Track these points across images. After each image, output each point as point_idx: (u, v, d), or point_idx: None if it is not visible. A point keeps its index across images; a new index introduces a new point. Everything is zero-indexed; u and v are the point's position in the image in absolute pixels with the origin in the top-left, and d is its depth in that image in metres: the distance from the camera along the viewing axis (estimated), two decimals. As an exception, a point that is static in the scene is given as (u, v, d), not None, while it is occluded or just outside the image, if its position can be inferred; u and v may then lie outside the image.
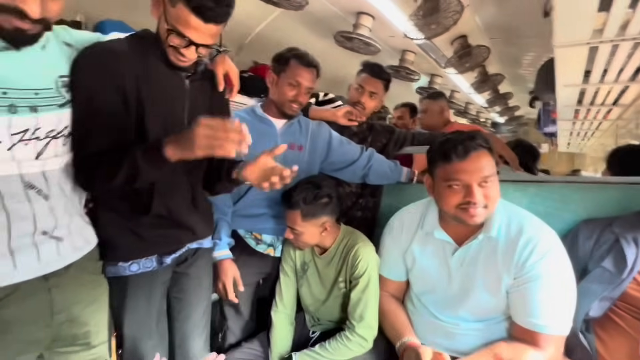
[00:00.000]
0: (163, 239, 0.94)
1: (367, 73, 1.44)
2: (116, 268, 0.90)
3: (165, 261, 0.95)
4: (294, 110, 1.23)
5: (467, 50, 2.70)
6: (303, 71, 1.19)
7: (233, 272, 1.17)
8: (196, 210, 1.00)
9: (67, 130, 0.76)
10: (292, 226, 1.10)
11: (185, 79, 0.92)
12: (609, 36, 1.37)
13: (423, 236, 1.04)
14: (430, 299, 1.03)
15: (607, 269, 0.91)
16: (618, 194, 1.06)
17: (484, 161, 0.88)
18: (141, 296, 0.93)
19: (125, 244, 0.90)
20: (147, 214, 0.90)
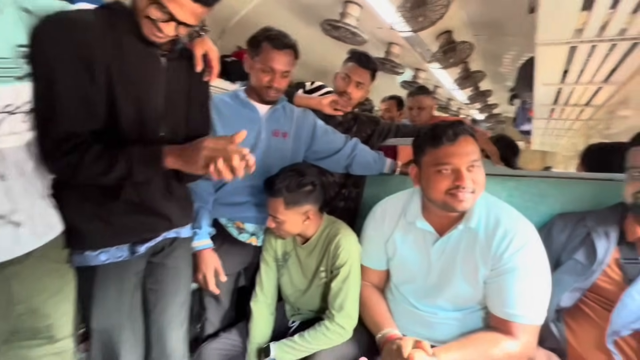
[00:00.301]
0: (135, 227, 0.89)
1: (355, 62, 1.40)
2: (83, 257, 0.84)
3: (138, 250, 0.90)
4: (271, 96, 1.18)
5: (452, 45, 2.73)
6: (276, 54, 1.12)
7: (214, 262, 1.13)
8: (172, 197, 0.95)
9: (27, 106, 0.69)
10: (274, 214, 1.07)
11: (162, 58, 0.86)
12: (588, 36, 1.41)
13: (405, 225, 1.04)
14: (409, 288, 1.04)
15: (579, 261, 0.94)
16: (591, 190, 1.10)
17: (471, 146, 0.89)
18: (111, 287, 0.87)
19: (93, 231, 0.84)
20: (117, 199, 0.84)
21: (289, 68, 1.15)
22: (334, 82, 1.48)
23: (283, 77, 1.15)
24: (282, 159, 1.22)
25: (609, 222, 0.95)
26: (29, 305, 0.73)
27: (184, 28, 0.78)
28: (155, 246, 0.96)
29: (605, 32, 1.38)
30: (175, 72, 0.90)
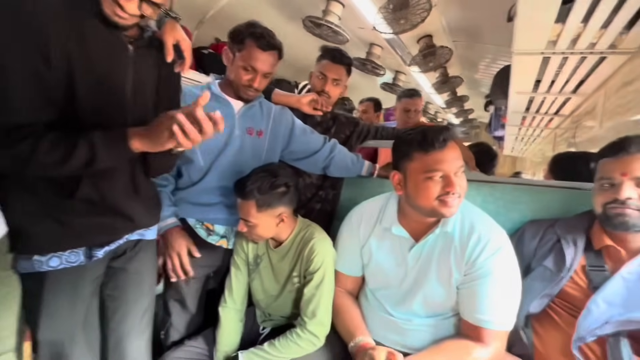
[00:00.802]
0: (94, 229, 0.81)
1: (328, 59, 1.37)
2: (30, 263, 0.76)
3: (96, 255, 0.82)
4: (249, 95, 1.13)
5: (432, 49, 2.76)
6: (260, 55, 1.06)
7: (186, 240, 1.06)
8: (137, 196, 0.88)
9: None
10: (246, 218, 1.02)
11: (129, 45, 0.79)
12: (561, 48, 1.46)
13: (381, 231, 1.03)
14: (384, 294, 1.02)
15: (548, 268, 0.96)
16: (561, 198, 1.13)
17: (458, 151, 0.90)
18: (62, 296, 0.79)
19: (43, 234, 0.75)
20: (73, 197, 0.76)
21: (272, 70, 1.11)
22: (310, 81, 1.44)
23: (264, 77, 1.11)
24: (256, 158, 1.17)
25: (577, 230, 0.97)
26: None
27: (148, 7, 0.71)
28: (116, 249, 0.88)
29: (576, 45, 1.44)
30: (143, 61, 0.83)
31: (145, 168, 0.91)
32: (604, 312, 0.84)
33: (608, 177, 0.88)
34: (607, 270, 0.89)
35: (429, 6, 2.07)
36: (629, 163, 0.86)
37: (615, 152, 0.88)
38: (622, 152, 0.86)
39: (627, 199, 0.84)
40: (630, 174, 0.85)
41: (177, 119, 0.66)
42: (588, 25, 1.26)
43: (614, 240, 0.90)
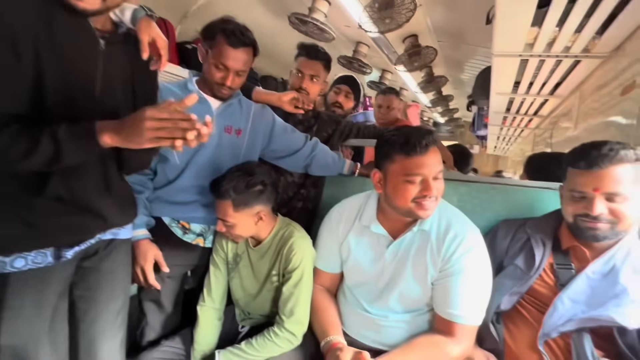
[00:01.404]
0: (63, 228, 0.78)
1: (304, 56, 1.37)
2: None
3: (65, 255, 0.79)
4: (223, 94, 1.10)
5: (417, 49, 2.79)
6: (232, 52, 1.03)
7: (153, 252, 1.04)
8: (109, 193, 0.85)
9: None
10: (223, 218, 1.01)
11: (100, 40, 0.77)
12: (538, 51, 1.49)
13: (360, 228, 1.04)
14: (362, 291, 1.03)
15: (519, 266, 0.99)
16: (534, 197, 1.16)
17: (439, 156, 0.91)
18: (27, 298, 0.76)
19: (7, 233, 0.72)
20: (40, 195, 0.73)
21: (245, 68, 1.07)
22: (289, 79, 1.44)
23: (238, 75, 1.08)
24: (234, 157, 1.15)
25: (546, 230, 1.01)
26: None
27: None
28: (87, 249, 0.85)
29: (552, 49, 1.48)
30: (115, 56, 0.81)
31: (120, 164, 0.88)
32: (568, 310, 0.87)
33: (579, 190, 0.88)
34: (573, 268, 0.93)
35: (414, 6, 2.09)
36: (601, 178, 0.84)
37: (587, 166, 0.86)
38: (594, 167, 0.85)
39: (599, 214, 0.85)
40: (602, 189, 0.85)
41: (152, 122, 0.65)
42: (563, 29, 1.30)
43: (580, 241, 0.93)
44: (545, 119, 2.87)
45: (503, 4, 1.18)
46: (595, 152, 0.85)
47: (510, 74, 1.86)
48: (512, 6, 1.18)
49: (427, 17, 2.50)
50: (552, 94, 2.19)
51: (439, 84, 3.77)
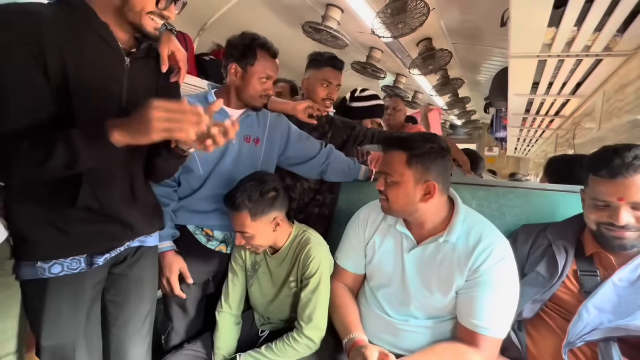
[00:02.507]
0: (94, 236, 0.82)
1: (331, 67, 1.41)
2: (33, 269, 0.78)
3: (97, 262, 0.84)
4: (263, 104, 1.20)
5: (431, 52, 2.77)
6: (272, 63, 1.15)
7: (178, 264, 1.09)
8: (135, 203, 0.89)
9: None
10: (242, 230, 1.03)
11: (126, 57, 0.81)
12: (556, 51, 1.46)
13: (385, 228, 1.05)
14: (385, 293, 1.03)
15: (541, 274, 0.96)
16: (554, 201, 1.13)
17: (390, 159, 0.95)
18: (64, 302, 0.81)
19: (46, 241, 0.77)
20: (73, 205, 0.78)
21: (277, 74, 1.18)
22: (304, 86, 1.47)
23: (273, 83, 1.17)
24: (252, 166, 1.19)
25: (568, 235, 0.98)
26: None
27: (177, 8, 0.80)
28: (117, 256, 0.90)
29: (571, 48, 1.44)
30: (139, 71, 0.85)
31: (148, 172, 0.92)
32: (594, 318, 0.84)
33: (603, 199, 0.85)
34: (598, 275, 0.90)
35: (427, 10, 2.08)
36: (626, 187, 0.81)
37: (611, 175, 0.82)
38: (618, 176, 0.81)
39: (625, 224, 0.82)
40: (627, 199, 0.81)
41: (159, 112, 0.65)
42: (582, 28, 1.27)
43: (604, 247, 0.90)
44: (567, 119, 2.78)
45: (518, 6, 1.17)
46: (618, 161, 0.81)
47: (528, 74, 1.83)
48: (527, 8, 1.16)
49: (441, 20, 2.49)
50: (574, 93, 2.12)
51: (455, 86, 3.71)
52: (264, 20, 2.49)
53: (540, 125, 3.16)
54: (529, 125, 3.21)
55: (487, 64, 3.33)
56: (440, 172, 0.93)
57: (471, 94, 4.55)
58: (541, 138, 3.88)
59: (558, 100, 2.33)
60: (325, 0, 2.30)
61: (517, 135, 3.86)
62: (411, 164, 0.91)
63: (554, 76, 1.84)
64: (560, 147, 3.21)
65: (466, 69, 3.60)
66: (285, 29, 2.61)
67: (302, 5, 2.34)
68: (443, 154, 0.94)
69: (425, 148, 0.92)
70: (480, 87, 4.20)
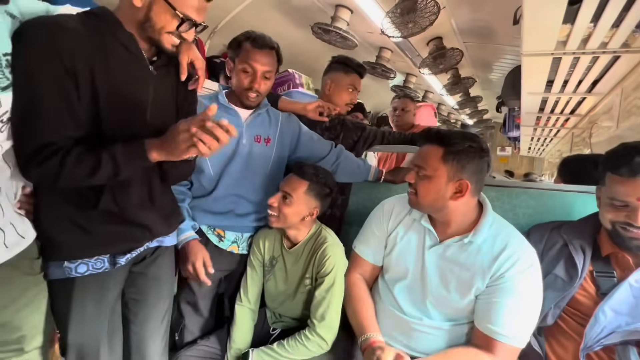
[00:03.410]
0: (115, 237, 0.86)
1: (358, 74, 1.50)
2: (61, 269, 0.81)
3: (119, 262, 0.87)
4: (251, 100, 1.15)
5: (442, 52, 2.75)
6: (257, 54, 1.10)
7: (202, 252, 1.11)
8: (153, 206, 0.92)
9: (6, 116, 0.67)
10: (290, 192, 1.07)
11: (150, 65, 0.85)
12: (571, 48, 1.43)
13: (410, 222, 1.05)
14: (401, 288, 1.02)
15: (559, 276, 0.93)
16: (568, 201, 1.11)
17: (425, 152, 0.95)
18: (90, 300, 0.85)
19: (71, 241, 0.81)
20: (95, 208, 0.81)
21: (270, 68, 1.13)
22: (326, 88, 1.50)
23: (264, 78, 1.13)
24: (264, 166, 1.21)
25: (584, 236, 0.95)
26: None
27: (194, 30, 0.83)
28: (136, 255, 0.93)
29: (587, 45, 1.41)
30: (163, 79, 0.88)
31: (163, 177, 0.95)
32: (611, 321, 0.82)
33: (621, 199, 0.83)
34: (615, 277, 0.88)
35: (437, 9, 2.07)
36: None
37: (631, 174, 0.81)
38: (639, 175, 0.80)
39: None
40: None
41: (193, 132, 0.71)
42: (598, 25, 1.24)
43: (621, 248, 0.88)
44: (583, 117, 2.71)
45: (531, 4, 1.15)
46: (639, 159, 0.80)
47: (542, 73, 1.79)
48: (541, 5, 1.14)
49: (452, 19, 2.46)
50: (590, 91, 2.07)
51: (466, 85, 3.66)
52: (273, 23, 2.51)
53: (555, 124, 3.09)
54: (543, 125, 3.14)
55: (500, 62, 3.28)
56: (475, 173, 0.92)
57: (483, 93, 4.48)
58: (556, 137, 3.79)
59: (574, 99, 2.27)
60: (335, 1, 2.30)
61: (531, 134, 3.78)
62: (447, 160, 0.91)
63: (569, 74, 1.79)
64: (576, 147, 3.13)
65: (478, 67, 3.55)
66: (294, 30, 2.63)
67: (312, 7, 2.35)
68: (481, 155, 0.92)
69: (464, 146, 0.91)
70: (492, 86, 4.13)
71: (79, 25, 0.74)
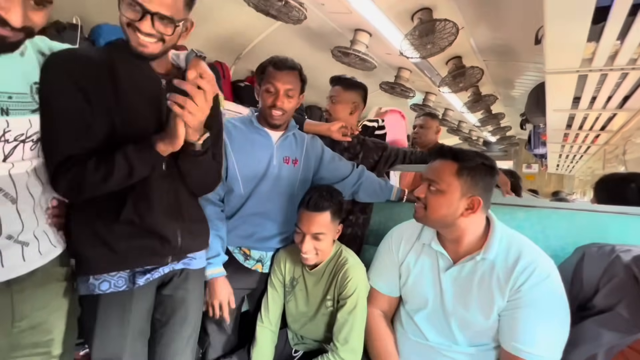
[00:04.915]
0: (134, 251, 0.87)
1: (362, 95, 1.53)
2: (86, 285, 0.86)
3: (138, 282, 0.88)
4: (275, 118, 1.18)
5: (462, 70, 2.75)
6: (278, 74, 1.16)
7: (228, 290, 1.13)
8: (178, 217, 0.93)
9: (35, 135, 0.75)
10: (320, 230, 1.07)
11: (162, 80, 0.89)
12: (598, 65, 1.40)
13: (420, 247, 1.04)
14: (422, 316, 1.00)
15: (622, 315, 0.80)
16: (604, 223, 1.06)
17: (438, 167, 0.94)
18: (112, 319, 0.87)
19: (94, 256, 0.85)
20: (117, 220, 0.85)
21: (292, 87, 1.17)
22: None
23: (287, 96, 1.17)
24: (290, 186, 1.24)
25: None
26: (31, 321, 0.75)
27: (160, 23, 0.77)
28: (163, 277, 0.95)
29: (615, 62, 1.38)
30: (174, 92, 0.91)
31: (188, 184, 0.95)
32: None
33: None
34: None
35: (456, 30, 2.09)
36: None
37: None
38: None
39: None
40: None
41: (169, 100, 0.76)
42: (625, 42, 1.22)
43: None
44: (615, 134, 2.59)
45: (553, 24, 1.15)
46: None
47: (567, 90, 1.75)
48: (563, 25, 1.14)
49: (471, 39, 2.48)
50: (621, 107, 2.00)
51: (488, 103, 3.62)
52: (295, 48, 2.62)
53: (584, 140, 2.97)
54: (571, 142, 3.03)
55: (522, 79, 3.24)
56: (486, 190, 0.93)
57: (505, 110, 4.40)
58: (586, 154, 3.63)
59: (603, 115, 2.19)
60: (354, 26, 2.39)
61: (559, 151, 3.65)
62: (461, 176, 0.91)
63: (597, 90, 1.75)
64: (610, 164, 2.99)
65: (499, 85, 3.51)
66: (315, 54, 2.73)
67: (332, 32, 2.44)
68: (492, 173, 0.94)
69: (477, 162, 0.92)
70: (515, 103, 4.06)
71: (94, 52, 0.84)
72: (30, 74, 0.74)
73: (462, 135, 5.19)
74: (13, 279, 0.72)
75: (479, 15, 2.19)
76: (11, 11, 0.61)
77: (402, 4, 2.10)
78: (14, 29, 0.62)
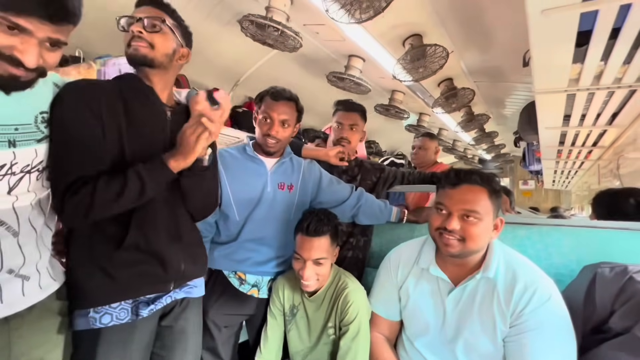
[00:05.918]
0: (136, 280, 0.86)
1: (342, 110, 1.50)
2: (86, 319, 0.82)
3: (142, 313, 0.86)
4: (269, 145, 1.20)
5: (453, 92, 2.83)
6: (274, 105, 1.19)
7: None
8: (180, 242, 0.93)
9: (41, 165, 0.75)
10: (320, 255, 1.07)
11: (168, 111, 0.93)
12: (584, 85, 1.45)
13: (419, 272, 1.02)
14: (424, 341, 0.98)
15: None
16: (607, 239, 1.05)
17: (471, 195, 0.90)
18: (114, 354, 0.83)
19: (96, 287, 0.82)
20: (120, 246, 0.84)
21: (287, 117, 1.20)
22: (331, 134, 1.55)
23: (282, 126, 1.19)
24: (286, 211, 1.23)
25: None
26: (29, 358, 0.72)
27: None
28: (164, 307, 0.93)
29: (601, 81, 1.43)
30: (178, 124, 0.92)
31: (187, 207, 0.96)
32: None
33: None
34: None
35: (446, 54, 2.18)
36: None
37: None
38: None
39: None
40: None
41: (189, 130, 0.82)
42: (609, 62, 1.27)
43: None
44: (607, 149, 2.64)
45: (538, 49, 1.20)
46: None
47: (557, 108, 1.80)
48: (548, 49, 1.19)
49: (461, 61, 2.58)
50: (611, 123, 2.05)
51: (481, 122, 3.71)
52: (291, 74, 2.70)
53: (577, 156, 3.02)
54: (565, 158, 3.08)
55: (512, 98, 3.33)
56: (500, 208, 0.97)
57: (498, 128, 4.50)
58: (581, 169, 3.68)
59: (594, 131, 2.24)
60: (348, 52, 2.48)
61: (554, 167, 3.69)
62: (493, 199, 0.92)
63: (586, 108, 1.80)
64: (605, 178, 3.02)
65: (491, 104, 3.61)
66: (311, 80, 2.81)
67: (326, 58, 2.53)
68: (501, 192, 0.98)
69: (498, 184, 0.95)
70: (507, 121, 4.16)
71: (106, 84, 0.87)
72: (37, 105, 0.75)
73: (458, 154, 5.26)
74: (11, 315, 0.69)
75: (468, 40, 2.28)
76: (27, 53, 0.62)
77: (394, 31, 2.19)
78: (28, 70, 0.64)
